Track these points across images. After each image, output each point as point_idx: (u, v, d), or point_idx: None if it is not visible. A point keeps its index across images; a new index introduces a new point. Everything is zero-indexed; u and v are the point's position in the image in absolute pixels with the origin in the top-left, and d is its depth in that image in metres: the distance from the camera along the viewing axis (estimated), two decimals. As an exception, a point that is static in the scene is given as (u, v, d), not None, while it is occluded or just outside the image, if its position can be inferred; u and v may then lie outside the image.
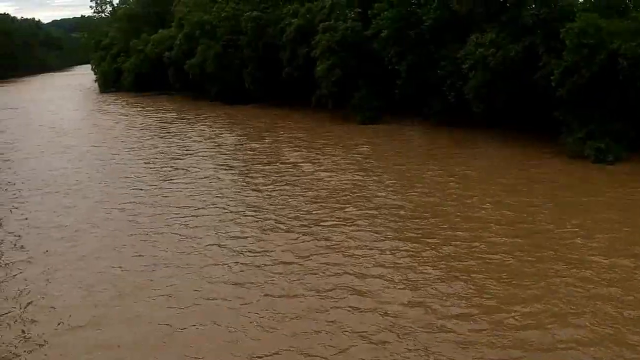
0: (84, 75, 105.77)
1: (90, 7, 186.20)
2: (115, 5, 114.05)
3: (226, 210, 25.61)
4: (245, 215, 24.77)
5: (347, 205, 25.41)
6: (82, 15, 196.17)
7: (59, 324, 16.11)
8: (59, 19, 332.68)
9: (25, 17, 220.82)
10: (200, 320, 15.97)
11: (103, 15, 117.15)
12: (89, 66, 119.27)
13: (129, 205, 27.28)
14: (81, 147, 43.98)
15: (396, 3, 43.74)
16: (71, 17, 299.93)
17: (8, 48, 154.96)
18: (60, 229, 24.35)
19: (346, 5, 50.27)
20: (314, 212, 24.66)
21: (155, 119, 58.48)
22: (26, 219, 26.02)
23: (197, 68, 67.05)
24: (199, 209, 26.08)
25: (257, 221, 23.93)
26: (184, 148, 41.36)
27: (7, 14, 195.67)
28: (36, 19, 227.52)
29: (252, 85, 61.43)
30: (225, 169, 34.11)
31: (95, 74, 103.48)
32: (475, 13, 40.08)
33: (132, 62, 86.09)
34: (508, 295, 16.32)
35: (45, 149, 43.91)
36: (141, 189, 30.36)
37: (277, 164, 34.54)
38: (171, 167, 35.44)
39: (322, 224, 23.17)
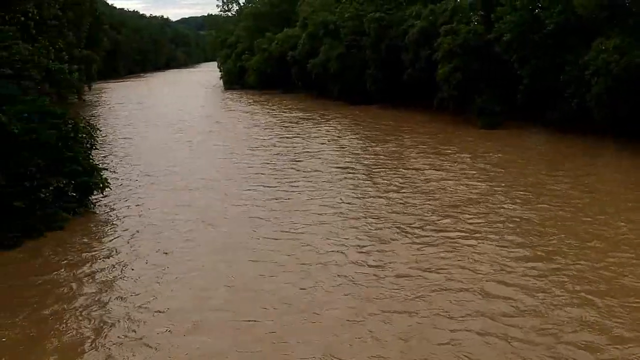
0: (209, 72, 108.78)
1: (217, 5, 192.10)
2: (242, 4, 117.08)
3: (347, 217, 25.23)
4: (367, 224, 24.30)
5: (473, 216, 24.60)
6: (208, 14, 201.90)
7: (166, 328, 16.10)
8: (187, 16, 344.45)
9: (154, 14, 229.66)
10: (315, 333, 15.63)
11: (229, 14, 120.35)
12: (215, 63, 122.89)
13: (245, 207, 27.13)
14: (202, 144, 44.77)
15: (519, 6, 42.84)
16: (200, 15, 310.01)
17: (137, 45, 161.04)
18: (176, 227, 24.47)
19: (469, 8, 49.79)
20: (437, 222, 24.12)
21: (279, 117, 59.18)
22: (140, 215, 26.40)
23: (320, 67, 68.10)
24: (319, 214, 25.70)
25: (378, 229, 23.49)
26: (306, 149, 41.32)
27: (136, 11, 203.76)
28: (165, 17, 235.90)
29: (373, 86, 61.82)
30: (348, 173, 33.70)
31: (220, 72, 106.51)
32: (600, 17, 38.88)
33: (256, 60, 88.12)
34: (640, 324, 15.45)
35: (167, 144, 45.01)
36: (260, 190, 30.11)
37: (401, 169, 34.03)
38: (292, 168, 35.33)
39: (446, 235, 22.47)
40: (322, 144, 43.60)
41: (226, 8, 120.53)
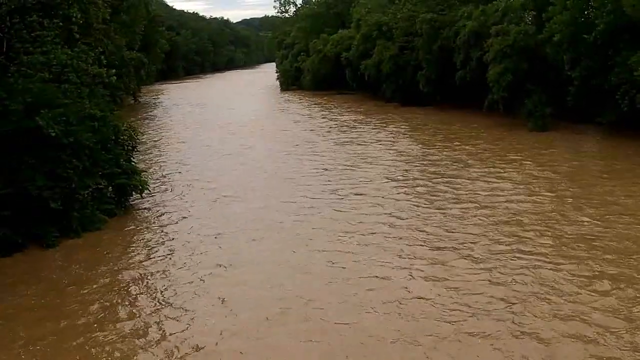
0: (267, 73, 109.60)
1: (274, 7, 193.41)
2: (298, 6, 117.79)
3: (398, 227, 24.04)
4: (420, 240, 22.57)
5: (538, 236, 22.22)
6: (265, 15, 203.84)
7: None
8: (248, 18, 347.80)
9: (214, 15, 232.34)
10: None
11: (287, 15, 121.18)
12: (273, 64, 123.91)
13: (291, 217, 26.18)
14: (252, 149, 44.17)
15: (570, 6, 41.97)
16: (260, 16, 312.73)
17: (195, 46, 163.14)
18: (216, 238, 24.00)
19: (521, 8, 49.02)
20: (500, 242, 21.88)
21: (334, 121, 58.62)
22: (179, 221, 26.40)
23: (373, 68, 68.08)
24: (370, 232, 23.69)
25: (435, 249, 21.56)
26: (362, 156, 39.63)
27: (196, 12, 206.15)
28: (225, 18, 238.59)
29: (426, 88, 61.43)
30: (402, 182, 32.05)
31: (276, 72, 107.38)
32: (650, 17, 37.87)
33: (311, 61, 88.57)
34: None
35: (216, 148, 44.75)
36: (307, 199, 29.02)
37: (458, 178, 31.89)
38: (346, 176, 33.67)
39: (508, 259, 20.15)
40: (379, 149, 41.96)
41: (283, 9, 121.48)
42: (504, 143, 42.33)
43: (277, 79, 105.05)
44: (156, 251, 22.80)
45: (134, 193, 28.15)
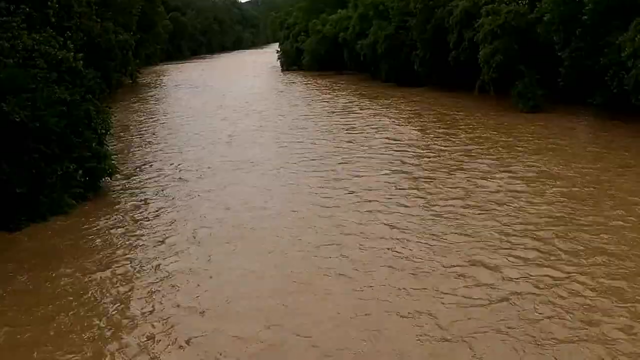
0: (272, 54, 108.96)
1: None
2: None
3: (396, 230, 21.64)
4: (419, 254, 19.41)
5: (554, 250, 19.08)
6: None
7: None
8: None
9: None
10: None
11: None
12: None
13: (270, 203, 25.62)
14: (242, 135, 42.71)
15: (561, -16, 41.39)
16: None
17: (202, 25, 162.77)
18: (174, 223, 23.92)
19: (515, -14, 48.33)
20: (509, 259, 18.67)
21: (329, 105, 57.09)
22: (148, 201, 26.47)
23: (368, 49, 67.72)
24: (367, 237, 21.27)
25: (428, 263, 18.72)
26: (357, 143, 37.45)
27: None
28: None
29: (420, 68, 61.00)
30: (401, 176, 29.18)
31: (277, 53, 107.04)
32: (643, -3, 37.28)
33: (310, 42, 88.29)
34: None
35: (206, 135, 43.11)
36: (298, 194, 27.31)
37: (460, 172, 29.06)
38: (334, 171, 30.90)
39: (519, 284, 16.99)
40: (373, 137, 39.48)
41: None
42: (490, 124, 42.09)
43: (278, 59, 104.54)
44: (121, 235, 22.79)
45: (107, 177, 28.21)
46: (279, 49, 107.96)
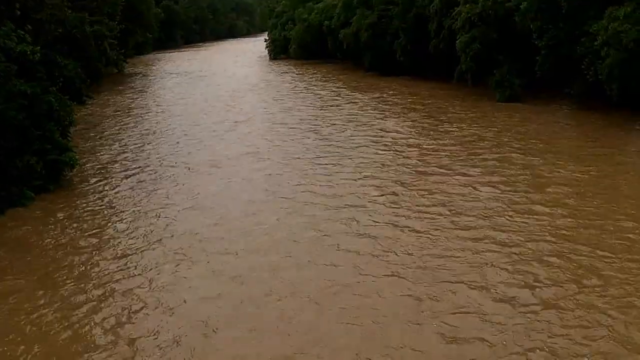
0: (264, 42, 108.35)
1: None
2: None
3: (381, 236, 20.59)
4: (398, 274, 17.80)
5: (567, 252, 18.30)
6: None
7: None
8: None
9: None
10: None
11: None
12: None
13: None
14: (220, 125, 42.45)
15: (537, -28, 41.10)
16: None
17: (195, 13, 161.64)
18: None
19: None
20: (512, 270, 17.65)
21: (315, 95, 56.38)
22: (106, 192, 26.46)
23: (351, 37, 67.46)
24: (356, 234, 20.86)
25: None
26: (339, 136, 36.66)
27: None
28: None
29: (402, 57, 60.77)
30: (390, 177, 27.77)
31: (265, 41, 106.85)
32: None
33: (296, 30, 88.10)
34: None
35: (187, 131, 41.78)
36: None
37: (450, 168, 28.41)
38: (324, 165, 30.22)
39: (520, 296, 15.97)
40: (357, 130, 38.60)
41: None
42: (464, 113, 42.05)
43: (266, 47, 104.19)
44: (82, 227, 22.86)
45: (72, 169, 28.22)
46: (266, 38, 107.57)
